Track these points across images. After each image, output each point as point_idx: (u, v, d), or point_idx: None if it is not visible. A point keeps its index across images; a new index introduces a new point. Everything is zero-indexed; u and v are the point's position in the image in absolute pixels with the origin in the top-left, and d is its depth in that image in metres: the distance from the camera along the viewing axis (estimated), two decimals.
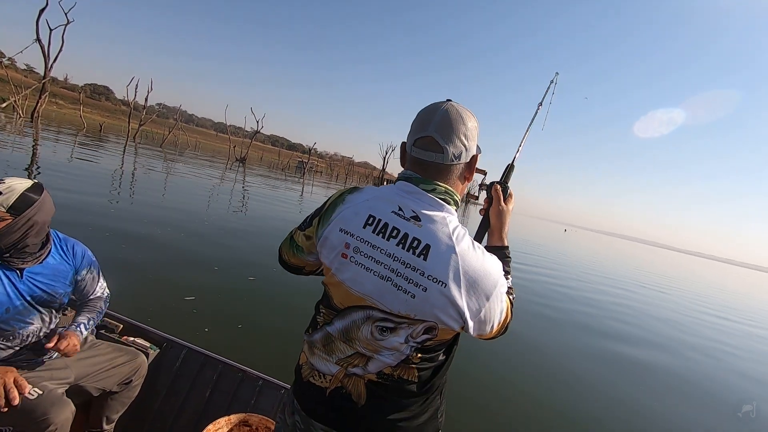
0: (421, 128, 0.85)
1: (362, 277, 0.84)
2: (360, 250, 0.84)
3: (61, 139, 18.15)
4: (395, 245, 0.81)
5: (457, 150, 0.84)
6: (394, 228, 0.82)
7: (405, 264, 0.80)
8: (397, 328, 0.83)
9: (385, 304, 0.83)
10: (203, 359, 1.95)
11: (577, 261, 18.47)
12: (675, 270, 33.45)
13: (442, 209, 0.84)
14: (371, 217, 0.84)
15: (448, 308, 0.79)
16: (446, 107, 0.85)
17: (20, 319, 1.39)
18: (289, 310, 4.36)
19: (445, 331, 0.84)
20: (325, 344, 0.91)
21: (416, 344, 0.84)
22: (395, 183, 0.89)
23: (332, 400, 0.88)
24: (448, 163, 0.85)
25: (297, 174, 42.34)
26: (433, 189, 0.84)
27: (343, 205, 0.89)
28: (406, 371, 0.86)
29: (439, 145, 0.83)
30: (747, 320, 12.12)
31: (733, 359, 6.75)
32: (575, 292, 9.60)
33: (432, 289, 0.79)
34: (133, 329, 2.02)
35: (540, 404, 3.62)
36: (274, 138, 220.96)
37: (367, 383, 0.87)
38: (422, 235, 0.80)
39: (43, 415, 1.29)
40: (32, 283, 1.40)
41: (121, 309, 3.37)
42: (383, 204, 0.85)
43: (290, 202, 14.63)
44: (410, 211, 0.83)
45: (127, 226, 6.03)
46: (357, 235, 0.85)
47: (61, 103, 62.01)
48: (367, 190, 0.90)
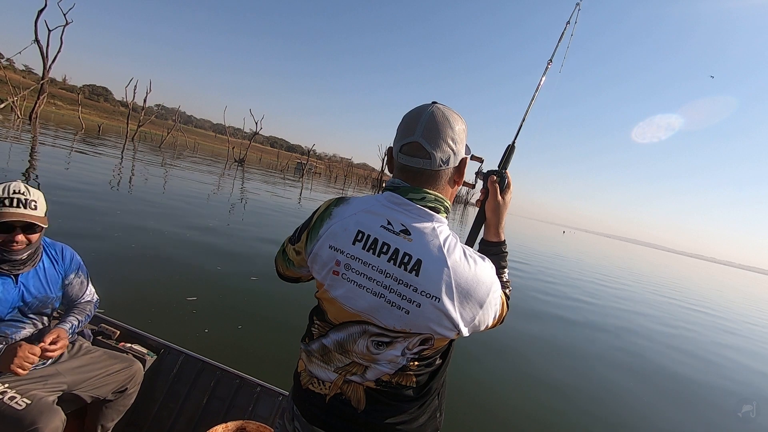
0: (406, 133, 0.83)
1: (355, 294, 0.83)
2: (351, 267, 0.83)
3: (60, 139, 18.11)
4: (386, 261, 0.80)
5: (444, 155, 0.81)
6: (384, 244, 0.81)
7: (397, 280, 0.79)
8: (393, 342, 0.83)
9: (381, 321, 0.82)
10: (201, 366, 1.94)
11: (576, 260, 18.51)
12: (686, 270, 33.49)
13: (432, 219, 0.83)
14: (360, 233, 0.83)
15: (443, 320, 0.79)
16: (432, 110, 0.82)
17: (13, 325, 1.38)
18: (291, 309, 4.36)
19: (441, 339, 0.84)
20: (322, 354, 0.91)
21: (413, 355, 0.85)
22: (383, 193, 0.88)
23: (332, 406, 0.89)
24: (436, 169, 0.82)
25: (296, 175, 42.33)
26: (422, 198, 0.83)
27: (331, 220, 0.87)
28: (404, 378, 0.87)
29: (425, 150, 0.81)
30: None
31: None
32: (574, 288, 9.61)
33: (425, 305, 0.78)
34: (130, 335, 2.00)
35: (540, 403, 3.62)
36: (273, 139, 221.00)
37: (366, 389, 0.87)
38: (413, 250, 0.79)
39: (31, 424, 1.27)
40: (25, 288, 1.41)
41: (124, 309, 3.44)
42: (372, 218, 0.84)
43: (290, 203, 14.62)
44: (399, 225, 0.81)
45: (129, 226, 6.01)
46: (347, 252, 0.83)
47: (60, 104, 61.90)
48: (353, 202, 0.89)
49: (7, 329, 1.37)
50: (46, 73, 24.37)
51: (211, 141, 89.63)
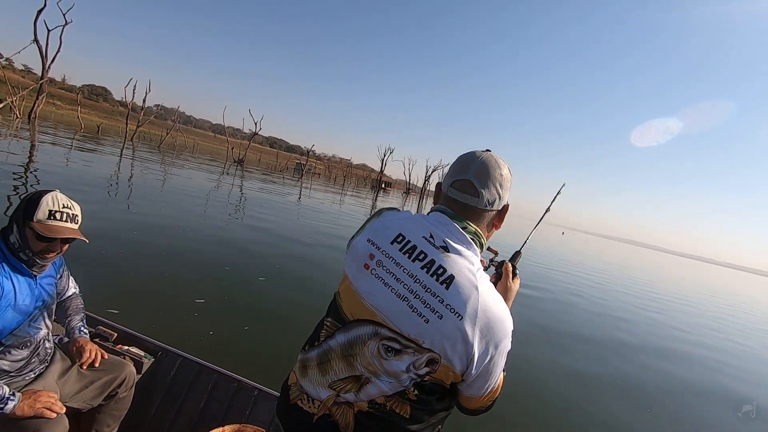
0: (460, 171, 0.89)
1: (379, 291, 0.83)
2: (383, 264, 0.84)
3: (59, 139, 18.08)
4: (419, 268, 0.81)
5: (491, 196, 0.87)
6: (421, 252, 0.83)
7: (425, 288, 0.80)
8: (402, 352, 0.80)
9: (397, 325, 0.81)
10: (198, 368, 1.93)
11: (573, 259, 18.53)
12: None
13: (470, 247, 0.85)
14: (401, 236, 0.86)
15: (458, 343, 0.77)
16: (486, 156, 0.90)
17: (34, 325, 1.41)
18: (299, 310, 4.39)
19: (445, 370, 0.80)
20: (320, 362, 0.88)
21: (416, 376, 0.81)
22: (429, 213, 0.92)
23: (319, 427, 0.85)
24: (482, 208, 0.88)
25: (295, 176, 42.31)
26: (464, 227, 0.86)
27: (378, 219, 0.93)
28: (400, 405, 0.83)
29: (475, 189, 0.87)
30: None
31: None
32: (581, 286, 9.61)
33: (447, 318, 0.77)
34: (127, 338, 2.00)
35: (541, 400, 3.62)
36: (272, 139, 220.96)
37: (356, 414, 0.84)
38: (448, 266, 0.81)
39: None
40: (42, 288, 1.44)
41: (132, 310, 3.46)
42: (416, 227, 0.87)
43: (290, 202, 14.64)
44: (441, 241, 0.84)
45: (134, 227, 6.00)
46: (383, 248, 0.86)
47: (59, 103, 61.85)
48: (404, 212, 0.94)
49: (30, 330, 1.39)
50: (46, 73, 24.36)
51: (211, 141, 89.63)
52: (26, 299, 1.35)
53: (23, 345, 1.37)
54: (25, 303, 1.35)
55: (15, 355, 1.35)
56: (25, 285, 1.36)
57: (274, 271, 5.72)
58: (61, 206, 1.34)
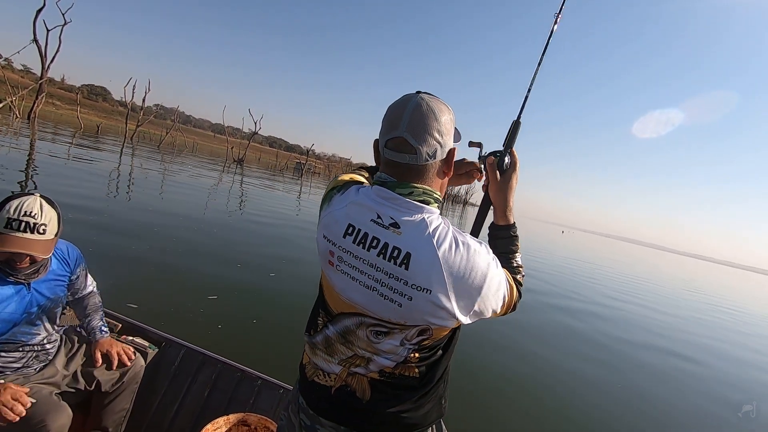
0: (391, 128, 0.81)
1: (348, 285, 0.85)
2: (344, 260, 0.84)
3: (59, 139, 18.07)
4: (376, 255, 0.80)
5: (431, 149, 0.80)
6: (374, 238, 0.80)
7: (388, 274, 0.79)
8: (390, 332, 0.84)
9: (376, 312, 0.83)
10: (202, 358, 1.95)
11: (572, 258, 18.53)
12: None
13: (422, 211, 0.81)
14: (351, 227, 0.83)
15: (437, 312, 0.79)
16: (416, 102, 0.79)
17: (26, 331, 1.38)
18: (306, 305, 4.44)
19: (441, 329, 0.84)
20: (326, 346, 0.92)
21: (412, 346, 0.85)
22: (372, 186, 0.87)
23: (338, 397, 0.89)
24: (423, 164, 0.81)
25: (295, 175, 42.31)
26: (410, 193, 0.81)
27: (328, 208, 0.89)
28: (407, 369, 0.87)
29: (411, 146, 0.79)
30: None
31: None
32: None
33: (417, 298, 0.78)
34: (132, 328, 2.01)
35: (540, 400, 3.63)
36: (272, 139, 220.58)
37: (370, 380, 0.88)
38: (402, 243, 0.78)
39: (40, 422, 1.28)
40: (38, 293, 1.39)
41: (143, 306, 3.49)
42: (362, 211, 0.83)
43: (290, 201, 14.64)
44: (389, 219, 0.80)
45: (147, 229, 6.03)
46: (339, 244, 0.85)
47: (59, 103, 61.69)
48: (348, 192, 0.88)
49: (22, 336, 1.37)
50: (45, 73, 24.33)
51: (210, 141, 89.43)
52: (9, 306, 1.29)
53: (14, 349, 1.36)
54: (7, 311, 1.29)
55: (5, 358, 1.35)
56: (10, 292, 1.29)
57: (281, 267, 5.81)
58: (22, 214, 1.19)
